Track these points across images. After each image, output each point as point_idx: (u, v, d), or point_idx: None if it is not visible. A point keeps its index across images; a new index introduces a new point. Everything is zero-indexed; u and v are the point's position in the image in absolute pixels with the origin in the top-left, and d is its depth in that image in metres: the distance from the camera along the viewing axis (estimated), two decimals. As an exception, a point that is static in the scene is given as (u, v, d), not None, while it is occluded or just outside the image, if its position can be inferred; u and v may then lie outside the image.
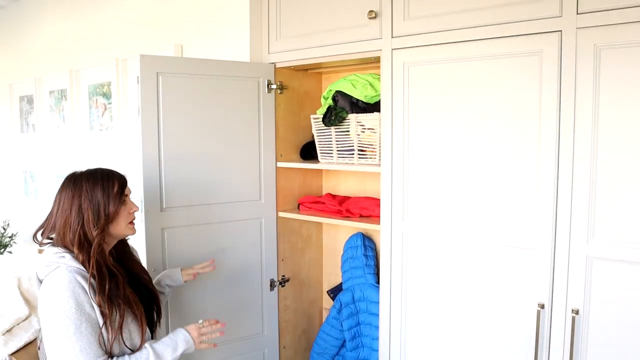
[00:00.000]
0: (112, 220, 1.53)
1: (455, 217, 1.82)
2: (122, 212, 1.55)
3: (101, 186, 1.52)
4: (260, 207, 2.34)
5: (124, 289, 1.51)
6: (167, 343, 1.54)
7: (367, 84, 2.21)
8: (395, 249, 1.97)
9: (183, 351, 1.55)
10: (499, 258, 1.74)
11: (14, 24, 4.13)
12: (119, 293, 1.48)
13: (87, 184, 1.51)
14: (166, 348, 1.52)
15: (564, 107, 1.57)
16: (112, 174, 1.57)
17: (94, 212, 1.50)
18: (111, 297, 1.45)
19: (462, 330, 1.84)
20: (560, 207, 1.60)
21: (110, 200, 1.52)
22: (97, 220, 1.49)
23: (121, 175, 1.60)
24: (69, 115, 3.53)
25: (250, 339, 2.36)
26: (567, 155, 1.58)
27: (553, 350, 1.64)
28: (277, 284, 2.42)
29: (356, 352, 2.37)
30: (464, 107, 1.77)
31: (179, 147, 2.11)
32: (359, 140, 2.16)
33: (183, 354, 1.55)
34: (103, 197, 1.51)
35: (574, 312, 1.59)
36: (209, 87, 2.17)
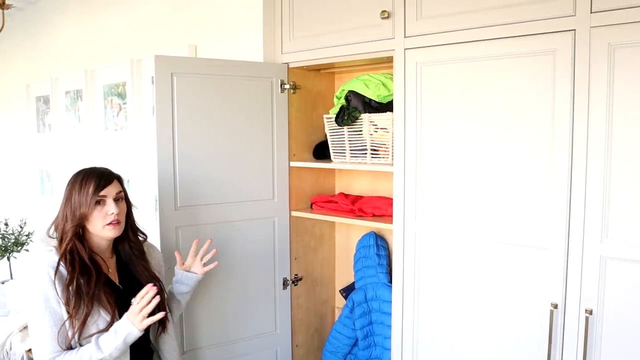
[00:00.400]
0: (85, 221, 1.55)
1: (468, 216, 1.82)
2: (96, 214, 1.55)
3: (78, 186, 1.55)
4: (274, 207, 2.36)
5: (96, 287, 1.51)
6: (109, 333, 1.51)
7: (380, 83, 2.21)
8: (407, 249, 1.98)
9: (125, 335, 1.49)
10: (511, 258, 1.74)
11: (31, 25, 4.20)
12: (89, 290, 1.49)
13: (72, 183, 1.57)
14: (107, 336, 1.51)
15: (577, 107, 1.57)
16: (92, 174, 1.58)
17: (71, 210, 1.54)
18: (79, 292, 1.48)
19: (474, 329, 1.84)
20: (574, 207, 1.60)
21: (83, 201, 1.53)
22: (71, 218, 1.54)
23: (104, 175, 1.59)
24: (85, 115, 3.58)
25: (263, 337, 2.37)
26: (580, 155, 1.57)
27: (566, 350, 1.63)
28: (289, 282, 2.43)
29: (368, 351, 2.38)
30: (476, 106, 1.77)
31: (193, 146, 2.14)
32: (372, 140, 2.17)
33: (127, 337, 1.49)
34: (79, 197, 1.54)
35: (588, 313, 1.58)
36: (222, 87, 2.19)
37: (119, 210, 1.58)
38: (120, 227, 1.61)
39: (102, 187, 1.56)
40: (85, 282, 1.50)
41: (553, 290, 1.65)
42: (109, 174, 1.62)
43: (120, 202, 1.62)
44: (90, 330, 1.51)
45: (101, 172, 1.61)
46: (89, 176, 1.57)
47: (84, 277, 1.50)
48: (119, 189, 1.62)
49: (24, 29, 4.29)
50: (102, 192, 1.56)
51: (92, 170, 1.61)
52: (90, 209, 1.54)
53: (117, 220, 1.57)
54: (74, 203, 1.54)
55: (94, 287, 1.51)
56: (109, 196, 1.57)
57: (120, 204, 1.62)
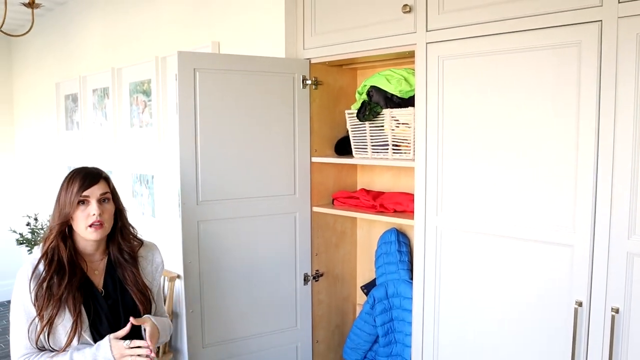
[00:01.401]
0: (70, 221, 1.55)
1: (491, 212, 1.79)
2: (79, 214, 1.53)
3: (65, 186, 1.56)
4: (295, 202, 2.36)
5: (66, 289, 1.49)
6: (86, 356, 1.48)
7: (402, 78, 2.20)
8: (429, 244, 1.96)
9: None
10: (535, 255, 1.70)
11: (61, 26, 4.30)
12: (58, 291, 1.49)
13: (62, 182, 1.57)
14: (83, 355, 1.49)
15: (604, 99, 1.53)
16: (78, 174, 1.56)
17: (57, 209, 1.56)
18: (49, 292, 1.48)
19: (496, 327, 1.81)
20: (600, 203, 1.56)
21: (67, 201, 1.53)
22: (57, 218, 1.55)
23: (89, 175, 1.57)
24: (111, 113, 3.65)
25: (283, 332, 2.38)
26: (607, 149, 1.53)
27: (591, 349, 1.59)
28: (310, 278, 2.43)
29: (389, 348, 2.36)
30: (499, 100, 1.74)
31: (215, 141, 2.16)
32: (394, 135, 2.15)
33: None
34: (65, 197, 1.54)
35: (614, 311, 1.54)
36: (244, 83, 2.20)
37: (101, 211, 1.54)
38: (104, 229, 1.56)
39: (86, 187, 1.54)
40: (57, 282, 1.49)
41: (578, 288, 1.61)
42: (95, 174, 1.58)
43: (106, 204, 1.58)
44: (58, 331, 1.50)
45: (88, 172, 1.58)
46: (75, 176, 1.56)
47: (57, 277, 1.50)
48: (104, 190, 1.58)
49: (54, 29, 4.40)
50: (85, 192, 1.53)
51: (80, 170, 1.59)
52: (73, 209, 1.52)
53: (99, 221, 1.53)
54: (61, 202, 1.55)
55: (64, 288, 1.49)
56: (92, 197, 1.54)
57: (106, 205, 1.58)
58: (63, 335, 1.51)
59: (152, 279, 1.73)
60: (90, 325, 1.55)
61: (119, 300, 1.62)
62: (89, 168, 1.61)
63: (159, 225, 3.27)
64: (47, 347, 1.52)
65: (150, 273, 1.73)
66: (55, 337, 1.51)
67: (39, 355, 1.51)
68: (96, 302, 1.58)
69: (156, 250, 1.78)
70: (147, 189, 3.37)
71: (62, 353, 1.50)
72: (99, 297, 1.60)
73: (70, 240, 1.57)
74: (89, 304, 1.56)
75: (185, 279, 2.16)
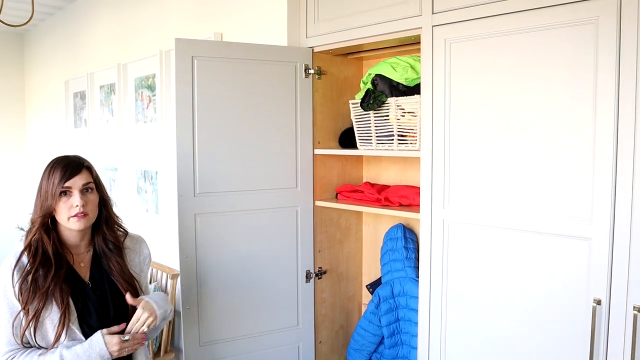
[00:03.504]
0: (52, 212, 1.48)
1: (501, 204, 1.67)
2: (62, 205, 1.47)
3: (47, 176, 1.49)
4: (297, 195, 2.27)
5: (52, 282, 1.44)
6: (79, 354, 1.42)
7: (408, 66, 2.10)
8: (435, 239, 1.85)
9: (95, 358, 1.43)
10: (549, 249, 1.58)
11: (70, 24, 4.29)
12: (45, 284, 1.42)
13: (43, 173, 1.50)
14: (74, 351, 1.42)
15: (624, 80, 1.41)
16: (59, 164, 1.50)
17: (39, 199, 1.49)
18: (34, 286, 1.42)
19: (507, 328, 1.69)
20: (620, 191, 1.43)
21: (49, 192, 1.47)
22: (40, 209, 1.48)
23: (71, 165, 1.50)
24: (117, 109, 3.60)
25: (284, 331, 2.28)
26: (627, 134, 1.41)
27: (611, 351, 1.46)
28: (313, 275, 2.33)
29: (395, 350, 2.25)
30: (509, 84, 1.63)
31: (214, 131, 2.08)
32: (399, 125, 2.05)
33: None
34: (46, 189, 1.48)
35: (636, 310, 1.41)
36: (244, 72, 2.12)
37: (84, 202, 1.49)
38: (88, 219, 1.51)
39: (68, 177, 1.47)
40: (43, 275, 1.44)
41: (596, 284, 1.49)
42: (77, 164, 1.52)
43: (89, 194, 1.52)
44: (46, 325, 1.44)
45: (70, 161, 1.51)
46: (56, 166, 1.49)
47: (43, 270, 1.44)
48: (87, 180, 1.51)
49: (64, 27, 4.39)
50: (67, 183, 1.47)
51: (61, 159, 1.52)
52: (55, 200, 1.46)
53: (82, 212, 1.48)
54: (42, 194, 1.48)
55: (51, 281, 1.44)
56: (74, 187, 1.48)
57: (89, 195, 1.52)
58: (51, 330, 1.44)
59: (140, 271, 1.67)
60: (78, 317, 1.49)
61: (107, 292, 1.56)
62: (70, 157, 1.54)
63: (163, 221, 3.20)
64: (33, 343, 1.44)
65: (138, 265, 1.67)
66: (42, 332, 1.44)
67: (25, 352, 1.43)
68: (84, 294, 1.53)
69: (143, 242, 1.72)
70: (151, 185, 3.31)
71: (50, 350, 1.43)
72: (87, 288, 1.54)
73: (54, 232, 1.51)
74: (76, 296, 1.50)
75: (181, 274, 2.07)
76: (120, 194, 3.67)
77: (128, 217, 3.55)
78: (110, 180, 3.81)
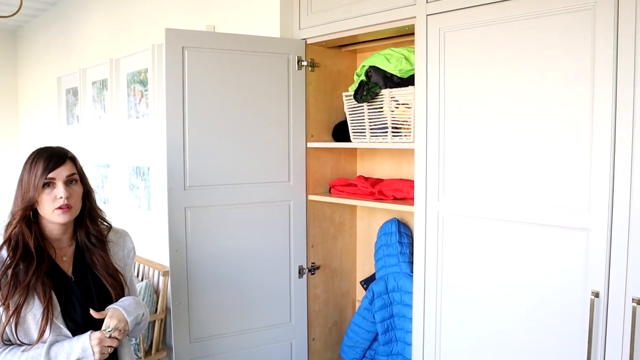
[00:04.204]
0: (37, 204, 1.43)
1: (497, 195, 1.64)
2: (45, 197, 1.42)
3: (29, 167, 1.43)
4: (289, 189, 2.23)
5: (34, 276, 1.38)
6: (64, 347, 1.39)
7: (402, 57, 2.06)
8: (430, 232, 1.81)
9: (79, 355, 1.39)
10: (547, 241, 1.54)
11: (63, 21, 4.24)
12: (26, 278, 1.37)
13: (24, 164, 1.44)
14: (61, 352, 1.39)
15: (621, 67, 1.37)
16: (42, 155, 1.45)
17: (20, 191, 1.43)
18: (15, 280, 1.36)
19: (503, 322, 1.65)
20: (618, 181, 1.40)
21: (32, 183, 1.42)
22: (21, 201, 1.42)
23: (54, 156, 1.45)
24: (109, 105, 3.56)
25: (277, 328, 2.24)
26: (625, 123, 1.37)
27: (610, 345, 1.43)
28: (305, 271, 2.29)
29: (389, 347, 2.21)
30: (505, 72, 1.60)
31: (205, 123, 2.04)
32: (393, 117, 2.01)
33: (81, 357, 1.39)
34: (28, 179, 1.42)
35: (635, 302, 1.37)
36: (236, 63, 2.09)
37: (69, 194, 1.44)
38: (72, 212, 1.46)
39: (52, 169, 1.42)
40: (24, 269, 1.38)
41: (594, 276, 1.45)
42: (60, 154, 1.47)
43: (73, 185, 1.47)
44: (27, 321, 1.38)
45: (53, 152, 1.46)
46: (39, 157, 1.44)
47: (24, 264, 1.38)
48: (71, 171, 1.47)
49: (57, 24, 4.35)
50: (50, 174, 1.42)
51: (43, 150, 1.47)
52: (38, 192, 1.42)
53: (66, 204, 1.43)
54: (24, 185, 1.43)
55: (32, 275, 1.38)
56: (58, 179, 1.43)
57: (74, 187, 1.47)
58: (33, 326, 1.39)
59: (124, 265, 1.62)
60: (62, 311, 1.43)
61: (90, 286, 1.51)
62: (53, 148, 1.49)
63: (155, 218, 3.15)
64: (14, 340, 1.38)
65: (122, 259, 1.62)
66: (24, 329, 1.39)
67: (6, 350, 1.38)
68: (67, 288, 1.47)
69: (127, 236, 1.67)
70: (143, 181, 3.27)
71: (34, 347, 1.38)
72: (70, 282, 1.49)
73: (35, 225, 1.46)
74: (59, 290, 1.45)
75: (171, 269, 2.03)
76: (112, 191, 3.62)
77: (120, 213, 3.51)
78: (102, 177, 3.77)
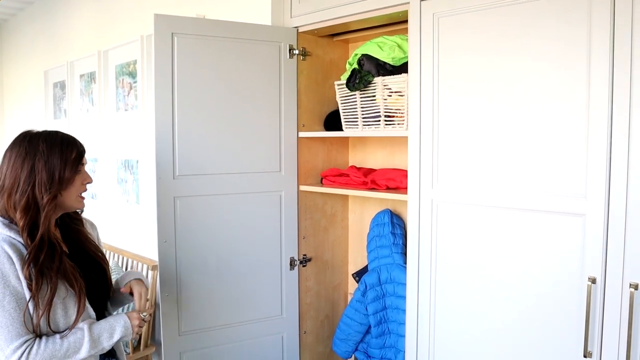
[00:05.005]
0: (65, 188, 1.39)
1: (492, 182, 1.61)
2: (77, 180, 1.42)
3: (59, 149, 1.39)
4: (280, 180, 2.19)
5: (60, 261, 1.35)
6: (104, 327, 1.40)
7: (395, 45, 2.03)
8: (424, 220, 1.78)
9: (119, 338, 1.42)
10: (543, 227, 1.52)
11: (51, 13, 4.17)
12: (53, 265, 1.32)
13: (45, 145, 1.38)
14: (103, 332, 1.39)
15: (618, 50, 1.35)
16: (72, 139, 1.45)
17: (48, 175, 1.36)
18: (43, 269, 1.30)
19: (500, 310, 1.62)
20: (615, 167, 1.38)
21: (67, 165, 1.39)
22: (50, 184, 1.36)
23: (81, 143, 1.48)
24: (97, 98, 3.50)
25: (268, 320, 2.20)
26: (622, 106, 1.35)
27: (607, 330, 1.40)
28: (297, 263, 2.25)
29: (382, 339, 2.17)
30: (499, 57, 1.57)
31: (194, 111, 2.00)
32: (386, 105, 1.98)
33: (123, 337, 1.43)
34: (60, 161, 1.38)
35: (633, 287, 1.35)
36: (226, 51, 2.04)
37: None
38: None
39: (84, 154, 1.47)
40: (49, 256, 1.33)
41: (591, 262, 1.43)
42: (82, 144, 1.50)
43: None
44: (57, 310, 1.33)
45: (76, 139, 1.48)
46: (69, 141, 1.43)
47: (48, 252, 1.34)
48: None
49: (44, 17, 4.28)
50: (83, 160, 1.46)
51: (66, 135, 1.45)
52: (73, 174, 1.41)
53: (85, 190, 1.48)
54: (52, 167, 1.36)
55: (59, 261, 1.35)
56: (85, 165, 1.48)
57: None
58: (60, 312, 1.34)
59: (99, 244, 1.64)
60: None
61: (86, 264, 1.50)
62: (68, 134, 1.47)
63: (143, 212, 3.10)
64: (46, 330, 1.33)
65: (96, 237, 1.64)
66: (65, 313, 1.35)
67: (43, 340, 1.31)
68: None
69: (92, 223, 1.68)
70: (132, 174, 3.21)
71: (72, 332, 1.35)
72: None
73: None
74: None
75: (160, 260, 1.98)
76: (100, 185, 3.56)
77: (108, 208, 3.45)
78: (90, 172, 3.70)
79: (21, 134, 1.42)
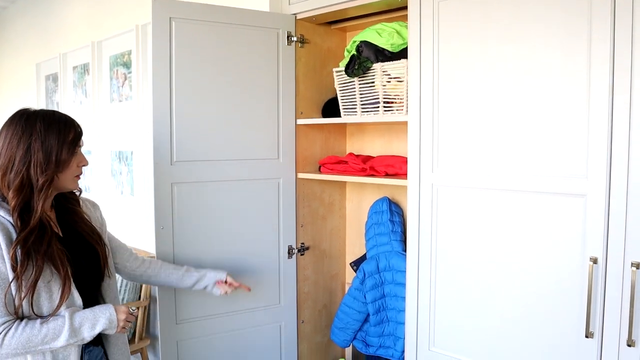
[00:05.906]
0: (61, 170, 1.37)
1: (493, 164, 1.61)
2: (73, 162, 1.40)
3: (57, 130, 1.36)
4: (278, 167, 2.17)
5: (49, 244, 1.33)
6: (87, 316, 1.37)
7: (394, 31, 2.03)
8: (424, 205, 1.77)
9: (101, 330, 1.39)
10: (544, 208, 1.51)
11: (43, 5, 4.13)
12: (41, 248, 1.30)
13: (42, 124, 1.35)
14: (85, 322, 1.36)
15: (619, 31, 1.35)
16: (70, 120, 1.42)
17: (45, 156, 1.34)
18: (30, 251, 1.28)
19: (501, 294, 1.62)
20: (616, 147, 1.38)
21: (65, 146, 1.36)
22: (46, 165, 1.33)
23: (78, 124, 1.45)
24: (91, 89, 3.47)
25: (265, 309, 2.18)
26: (623, 87, 1.35)
27: (609, 311, 1.40)
28: (295, 251, 2.24)
29: (381, 327, 2.17)
30: (499, 41, 1.57)
31: (192, 96, 1.98)
32: (385, 92, 1.97)
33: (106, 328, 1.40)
34: (57, 142, 1.35)
35: (634, 266, 1.35)
36: (224, 36, 2.03)
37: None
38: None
39: (82, 135, 1.44)
40: (38, 239, 1.31)
41: (592, 243, 1.43)
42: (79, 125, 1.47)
43: None
44: (41, 294, 1.31)
45: (74, 119, 1.45)
46: (66, 122, 1.40)
47: (39, 233, 1.31)
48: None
49: (36, 9, 4.23)
50: (80, 141, 1.44)
51: (64, 115, 1.43)
52: (70, 155, 1.38)
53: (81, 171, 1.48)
54: (49, 148, 1.34)
55: (47, 244, 1.32)
56: (81, 146, 1.46)
57: None
58: (44, 295, 1.32)
59: (101, 225, 1.61)
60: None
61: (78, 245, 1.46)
62: (65, 114, 1.44)
63: (138, 204, 3.07)
64: (28, 313, 1.30)
65: (96, 222, 1.59)
66: (50, 297, 1.32)
67: (22, 323, 1.29)
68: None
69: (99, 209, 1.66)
70: (126, 166, 3.18)
71: (52, 318, 1.32)
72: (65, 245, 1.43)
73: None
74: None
75: (157, 247, 1.96)
76: (94, 178, 3.53)
77: (102, 200, 3.41)
78: (84, 165, 3.67)
79: (18, 112, 1.39)
